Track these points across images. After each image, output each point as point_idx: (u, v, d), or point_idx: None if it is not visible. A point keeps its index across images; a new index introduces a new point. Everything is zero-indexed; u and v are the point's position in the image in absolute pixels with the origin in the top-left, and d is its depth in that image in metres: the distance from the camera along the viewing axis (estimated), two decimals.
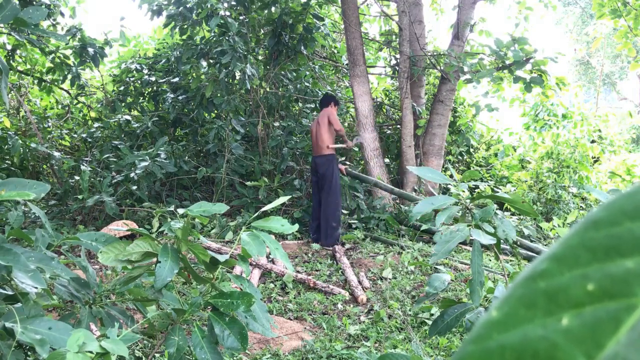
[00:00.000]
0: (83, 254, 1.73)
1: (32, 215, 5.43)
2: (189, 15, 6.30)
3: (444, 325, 1.63)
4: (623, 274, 0.22)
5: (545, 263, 0.23)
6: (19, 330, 1.21)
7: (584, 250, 0.23)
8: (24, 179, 1.38)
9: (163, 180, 6.46)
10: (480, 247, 1.63)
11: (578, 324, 0.21)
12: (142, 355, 2.87)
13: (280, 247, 1.54)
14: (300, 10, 6.94)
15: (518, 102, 8.30)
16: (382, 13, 8.19)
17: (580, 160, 7.10)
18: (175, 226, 1.57)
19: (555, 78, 6.39)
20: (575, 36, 20.27)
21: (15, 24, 1.67)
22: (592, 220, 0.24)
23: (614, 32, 9.27)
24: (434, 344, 3.23)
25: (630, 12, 7.10)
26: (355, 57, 6.43)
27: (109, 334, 1.32)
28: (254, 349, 3.14)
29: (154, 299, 1.59)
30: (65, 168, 6.25)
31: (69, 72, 6.24)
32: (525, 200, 1.58)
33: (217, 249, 4.73)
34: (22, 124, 7.22)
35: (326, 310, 3.87)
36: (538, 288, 0.23)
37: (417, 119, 6.98)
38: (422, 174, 1.60)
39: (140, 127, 6.83)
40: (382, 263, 4.78)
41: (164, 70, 7.36)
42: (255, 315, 1.51)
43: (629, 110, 11.16)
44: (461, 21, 6.83)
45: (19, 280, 1.20)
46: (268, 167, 6.79)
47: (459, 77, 6.52)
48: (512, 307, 0.22)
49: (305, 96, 7.45)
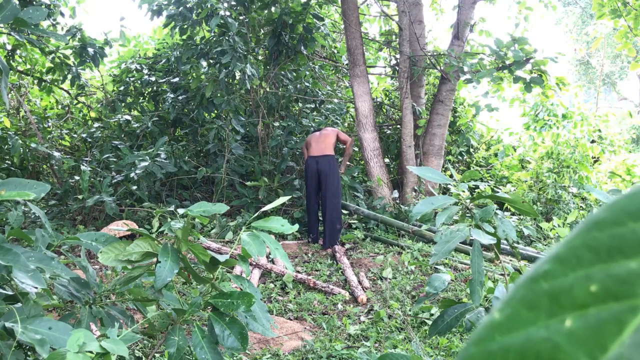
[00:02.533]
0: (83, 254, 1.73)
1: (32, 215, 5.43)
2: (189, 15, 6.30)
3: (444, 325, 1.63)
4: (626, 275, 0.22)
5: (548, 264, 0.23)
6: (19, 330, 1.21)
7: (587, 251, 0.23)
8: (24, 179, 1.38)
9: (163, 180, 6.45)
10: (480, 247, 1.63)
11: (581, 325, 0.21)
12: (142, 355, 2.87)
13: (280, 247, 1.54)
14: (300, 10, 6.94)
15: (518, 102, 8.29)
16: (382, 13, 8.19)
17: (580, 160, 7.10)
18: (175, 226, 1.57)
19: (555, 78, 6.38)
20: (575, 36, 20.27)
21: (15, 24, 1.67)
22: (595, 221, 0.24)
23: (614, 32, 9.27)
24: (434, 344, 3.23)
25: (630, 12, 7.10)
26: (355, 57, 6.42)
27: (109, 334, 1.32)
28: (254, 349, 3.14)
29: (154, 299, 1.59)
30: (65, 168, 6.25)
31: (69, 72, 6.24)
32: (525, 200, 1.58)
33: (217, 249, 4.73)
34: (22, 124, 7.21)
35: (326, 310, 3.87)
36: (541, 289, 0.22)
37: (417, 119, 6.98)
38: (422, 174, 1.60)
39: (140, 127, 6.83)
40: (382, 263, 4.78)
41: (164, 70, 7.36)
42: (255, 315, 1.51)
43: (629, 110, 11.15)
44: (461, 21, 6.83)
45: (19, 280, 1.20)
46: (268, 167, 6.79)
47: (459, 77, 6.52)
48: (514, 309, 0.22)
49: (305, 96, 7.45)
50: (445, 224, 1.84)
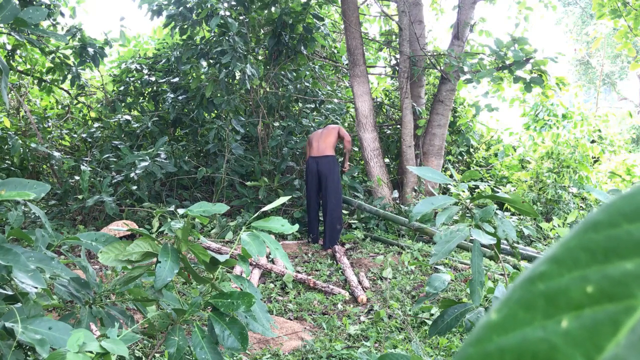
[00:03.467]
0: (83, 254, 1.73)
1: (32, 215, 5.43)
2: (189, 15, 6.30)
3: (444, 325, 1.63)
4: (622, 276, 0.22)
5: (544, 265, 0.24)
6: (19, 330, 1.21)
7: (583, 252, 0.23)
8: (24, 179, 1.38)
9: (163, 180, 6.46)
10: (480, 247, 1.63)
11: (577, 326, 0.21)
12: (142, 355, 2.87)
13: (280, 247, 1.54)
14: (300, 10, 6.94)
15: (518, 102, 8.30)
16: (382, 13, 8.19)
17: (580, 160, 7.10)
18: (175, 226, 1.57)
19: (555, 78, 6.38)
20: (575, 36, 20.26)
21: (15, 24, 1.67)
22: (592, 222, 0.24)
23: (614, 32, 9.27)
24: (434, 344, 3.23)
25: (630, 12, 7.10)
26: (355, 57, 6.43)
27: (109, 334, 1.32)
28: (254, 349, 3.14)
29: (154, 299, 1.59)
30: (65, 168, 6.25)
31: (69, 72, 6.24)
32: (525, 200, 1.58)
33: (217, 249, 4.73)
34: (22, 124, 7.22)
35: (326, 310, 3.87)
36: (537, 290, 0.23)
37: (417, 119, 6.98)
38: (422, 174, 1.60)
39: (140, 127, 6.83)
40: (382, 263, 4.78)
41: (164, 70, 7.36)
42: (255, 315, 1.51)
43: (629, 110, 11.15)
44: (461, 21, 6.83)
45: (19, 280, 1.20)
46: (268, 167, 6.79)
47: (459, 77, 6.52)
48: (511, 310, 0.22)
49: (305, 96, 7.45)
50: (445, 224, 1.84)
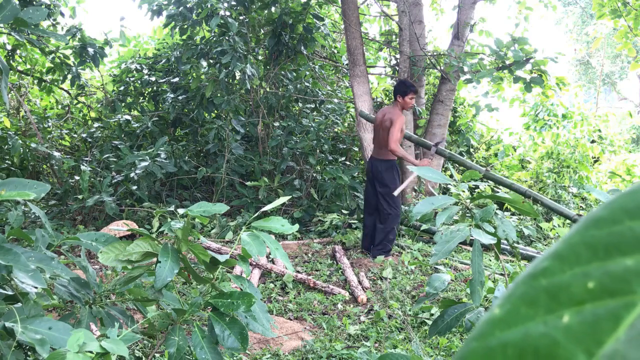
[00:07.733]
0: (83, 254, 1.73)
1: (32, 215, 5.43)
2: (189, 15, 6.30)
3: (444, 325, 1.63)
4: (623, 272, 0.22)
5: (546, 261, 0.24)
6: (19, 330, 1.21)
7: (585, 249, 0.23)
8: (24, 179, 1.38)
9: (163, 180, 6.45)
10: (480, 247, 1.64)
11: (578, 321, 0.21)
12: (142, 355, 2.87)
13: (280, 247, 1.54)
14: (300, 10, 6.94)
15: (518, 102, 8.30)
16: (382, 13, 8.19)
17: (581, 160, 7.11)
18: (175, 226, 1.57)
19: (555, 78, 6.39)
20: (575, 36, 20.28)
21: (15, 24, 1.67)
22: (594, 219, 0.24)
23: (614, 32, 9.27)
24: (434, 344, 3.23)
25: (630, 12, 7.10)
26: (355, 57, 6.43)
27: (109, 334, 1.32)
28: (254, 349, 3.14)
29: (154, 299, 1.59)
30: (65, 168, 6.25)
31: (69, 72, 6.24)
32: (526, 200, 1.58)
33: (217, 249, 4.73)
34: (22, 124, 7.21)
35: (326, 310, 3.87)
36: (540, 286, 0.23)
37: (417, 119, 6.99)
38: (422, 174, 1.60)
39: (140, 127, 6.83)
40: (382, 263, 4.78)
41: (164, 70, 7.36)
42: (255, 315, 1.51)
43: (629, 110, 11.16)
44: (461, 21, 6.83)
45: (19, 280, 1.20)
46: (268, 167, 6.79)
47: (459, 77, 6.52)
48: (514, 305, 0.23)
49: (305, 96, 7.45)
50: (445, 224, 1.84)
